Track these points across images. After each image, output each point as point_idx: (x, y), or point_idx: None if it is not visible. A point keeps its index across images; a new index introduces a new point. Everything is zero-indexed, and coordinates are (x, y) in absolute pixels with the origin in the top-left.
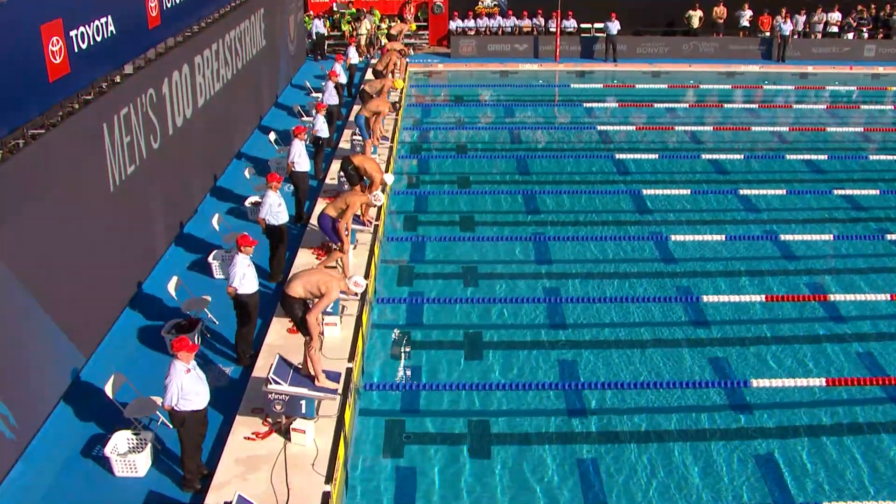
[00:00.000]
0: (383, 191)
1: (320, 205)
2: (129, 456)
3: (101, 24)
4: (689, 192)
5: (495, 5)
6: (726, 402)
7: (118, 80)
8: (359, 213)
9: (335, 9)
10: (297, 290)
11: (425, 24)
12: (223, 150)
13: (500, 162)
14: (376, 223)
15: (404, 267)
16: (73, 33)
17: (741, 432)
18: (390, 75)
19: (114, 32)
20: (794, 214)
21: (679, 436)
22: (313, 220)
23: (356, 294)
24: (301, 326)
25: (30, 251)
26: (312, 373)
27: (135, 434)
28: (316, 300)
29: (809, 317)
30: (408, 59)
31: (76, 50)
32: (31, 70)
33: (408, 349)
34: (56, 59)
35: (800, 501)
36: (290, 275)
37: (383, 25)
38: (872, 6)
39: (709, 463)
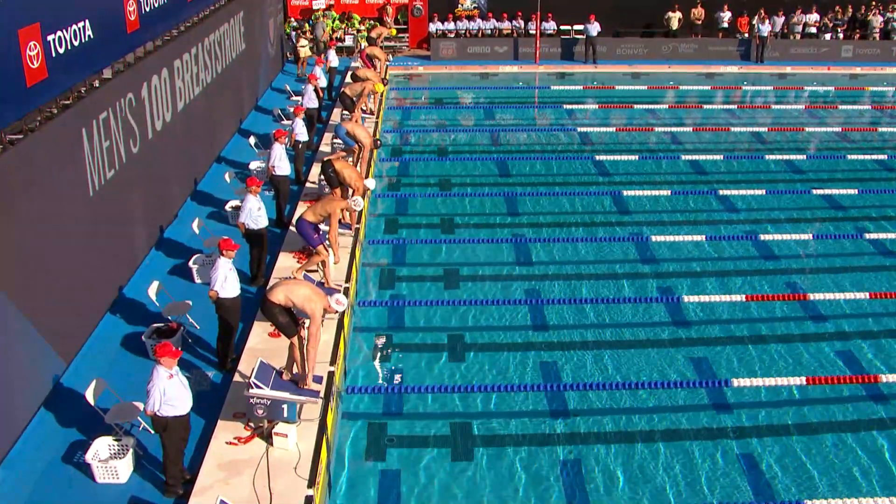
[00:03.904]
0: (364, 195)
1: (301, 209)
2: (110, 462)
3: (79, 29)
4: (669, 192)
5: (475, 7)
6: (708, 402)
7: (97, 85)
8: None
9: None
10: (278, 296)
11: (405, 26)
12: (203, 154)
13: (481, 164)
14: (357, 226)
15: (385, 270)
16: (50, 38)
17: (723, 432)
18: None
19: (92, 37)
20: (774, 214)
21: (662, 436)
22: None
23: (337, 312)
24: (282, 330)
25: (9, 256)
26: (303, 371)
27: (116, 440)
28: (302, 319)
29: (789, 316)
30: (388, 63)
31: (54, 55)
32: (8, 75)
33: (390, 352)
34: (34, 64)
35: (782, 500)
36: (273, 281)
37: (363, 28)
38: (849, 7)
39: (691, 462)
